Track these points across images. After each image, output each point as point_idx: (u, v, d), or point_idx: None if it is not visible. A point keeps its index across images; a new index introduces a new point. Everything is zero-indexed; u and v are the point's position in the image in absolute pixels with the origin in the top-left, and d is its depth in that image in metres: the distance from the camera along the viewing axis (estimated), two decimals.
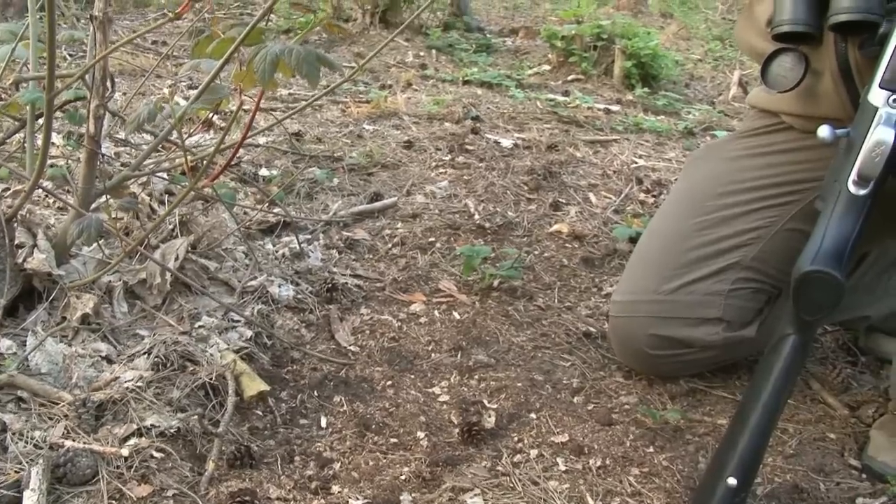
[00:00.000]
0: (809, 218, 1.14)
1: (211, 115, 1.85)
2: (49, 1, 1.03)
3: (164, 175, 1.92)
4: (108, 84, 1.48)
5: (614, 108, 3.63)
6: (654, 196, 2.34)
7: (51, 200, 1.79)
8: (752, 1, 1.44)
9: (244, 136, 1.27)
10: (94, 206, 1.51)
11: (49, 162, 2.04)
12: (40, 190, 1.64)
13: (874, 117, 1.00)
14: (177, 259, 1.52)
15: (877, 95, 1.00)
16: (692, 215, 1.44)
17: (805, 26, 1.19)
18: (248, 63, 1.12)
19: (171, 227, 1.72)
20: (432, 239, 1.98)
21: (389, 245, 1.94)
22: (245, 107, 2.27)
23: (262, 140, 2.51)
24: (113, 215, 1.64)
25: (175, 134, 1.48)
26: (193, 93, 3.21)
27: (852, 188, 1.01)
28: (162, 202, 1.90)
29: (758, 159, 1.45)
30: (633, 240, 1.98)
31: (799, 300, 0.99)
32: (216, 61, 1.31)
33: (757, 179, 1.43)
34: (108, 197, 1.49)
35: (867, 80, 1.06)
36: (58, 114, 2.32)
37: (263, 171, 2.27)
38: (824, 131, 1.05)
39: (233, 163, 2.29)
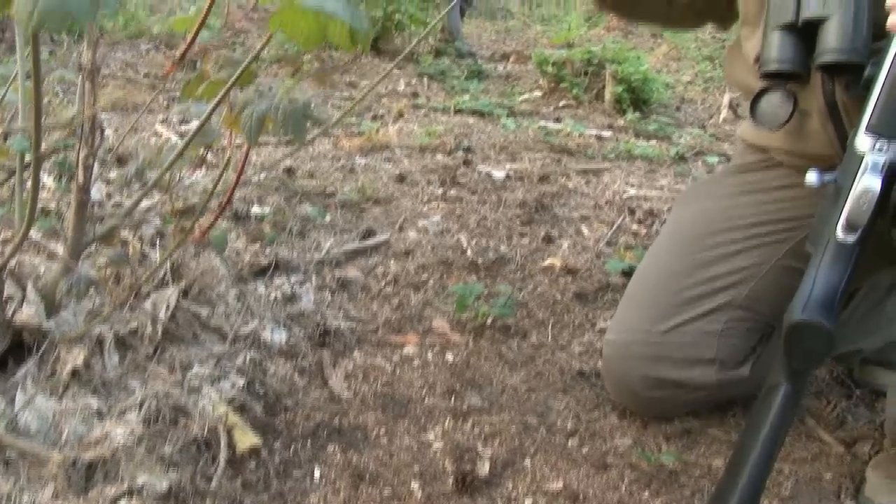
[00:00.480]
0: (801, 255, 1.14)
1: (204, 152, 1.85)
2: (34, 62, 1.02)
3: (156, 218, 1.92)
4: (98, 134, 1.48)
5: (606, 133, 3.64)
6: (646, 227, 2.34)
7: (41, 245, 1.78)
8: (741, 37, 1.45)
9: (232, 191, 1.27)
10: (84, 254, 1.51)
11: (40, 205, 2.04)
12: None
13: (860, 164, 1.00)
14: (168, 309, 1.52)
15: (863, 141, 1.01)
16: (684, 254, 1.44)
17: (792, 65, 1.19)
18: (238, 110, 1.13)
19: (162, 272, 1.71)
20: (425, 276, 1.98)
21: (382, 284, 1.93)
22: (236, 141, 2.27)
23: (253, 177, 2.51)
24: (102, 264, 1.64)
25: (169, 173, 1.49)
26: (185, 128, 3.21)
27: (840, 235, 1.01)
28: (153, 244, 1.90)
29: (748, 197, 1.45)
30: (626, 273, 1.98)
31: (790, 350, 0.99)
32: (206, 104, 1.31)
33: (748, 217, 1.43)
34: (98, 245, 1.48)
35: (854, 120, 1.07)
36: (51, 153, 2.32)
37: (256, 209, 2.27)
38: (811, 177, 1.05)
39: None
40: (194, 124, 1.57)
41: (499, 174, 2.69)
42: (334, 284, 1.91)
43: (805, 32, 1.17)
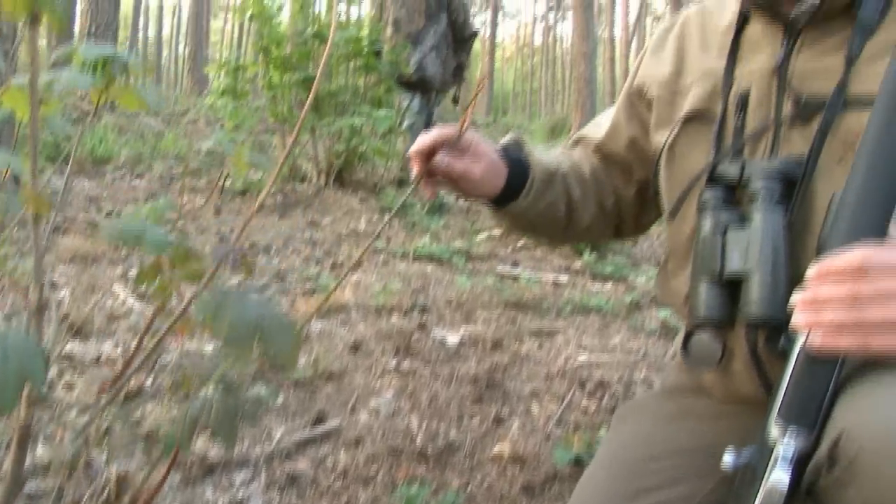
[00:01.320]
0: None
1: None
2: None
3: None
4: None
5: (562, 278, 3.72)
6: (596, 401, 2.38)
7: None
8: (669, 270, 1.50)
9: (166, 476, 1.27)
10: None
11: None
12: None
13: (772, 454, 1.04)
14: None
15: (774, 428, 1.05)
16: (619, 480, 1.46)
17: (719, 314, 1.25)
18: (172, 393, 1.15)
19: (104, 480, 1.71)
20: (374, 468, 1.98)
21: (332, 478, 1.94)
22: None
23: (207, 346, 2.53)
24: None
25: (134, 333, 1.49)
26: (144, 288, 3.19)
27: None
28: (100, 444, 1.90)
29: (682, 423, 1.49)
30: (574, 462, 2.00)
31: None
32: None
33: (683, 442, 1.46)
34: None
35: (776, 372, 1.11)
36: None
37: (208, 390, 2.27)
38: (727, 460, 1.10)
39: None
40: None
41: (453, 339, 2.73)
42: (283, 481, 1.91)
43: (730, 284, 1.23)
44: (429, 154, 1.32)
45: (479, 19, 41.76)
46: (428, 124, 6.10)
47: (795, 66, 1.25)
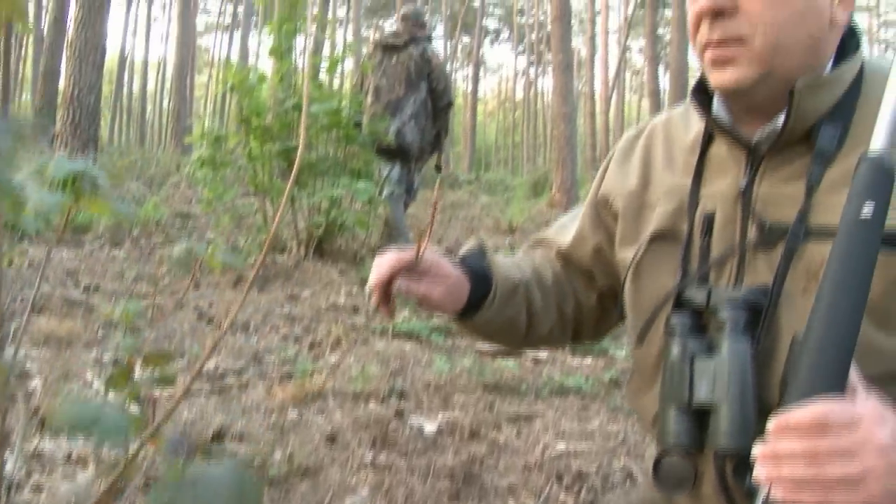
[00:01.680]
0: None
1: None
2: None
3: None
4: None
5: (542, 355, 3.70)
6: (573, 494, 2.36)
7: None
8: (634, 388, 1.49)
9: None
10: None
11: None
12: None
13: None
14: None
15: None
16: None
17: (688, 440, 1.24)
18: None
19: None
20: None
21: None
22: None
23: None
24: None
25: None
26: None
27: None
28: None
29: None
30: None
31: None
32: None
33: None
34: None
35: (741, 499, 1.10)
36: None
37: None
38: None
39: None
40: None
41: (430, 428, 2.70)
42: None
43: (699, 412, 1.22)
44: (388, 280, 1.31)
45: (462, 74, 42.32)
46: (409, 192, 6.13)
47: (759, 192, 1.25)
